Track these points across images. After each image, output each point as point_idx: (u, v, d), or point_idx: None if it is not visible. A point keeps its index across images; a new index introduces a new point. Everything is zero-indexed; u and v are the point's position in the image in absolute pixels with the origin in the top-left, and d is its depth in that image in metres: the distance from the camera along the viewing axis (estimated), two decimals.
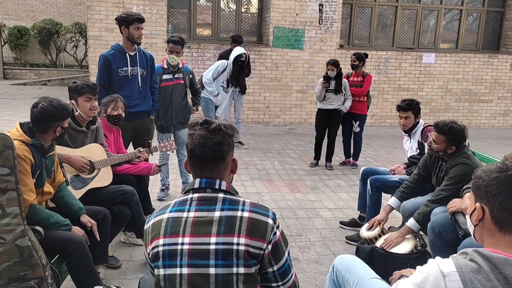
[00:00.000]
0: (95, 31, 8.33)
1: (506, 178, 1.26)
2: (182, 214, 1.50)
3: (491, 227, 1.29)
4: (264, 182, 5.36)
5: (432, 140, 3.04)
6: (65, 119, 2.45)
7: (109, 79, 3.88)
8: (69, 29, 14.29)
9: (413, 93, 9.75)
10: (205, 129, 1.52)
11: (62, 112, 2.41)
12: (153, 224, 1.53)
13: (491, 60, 10.11)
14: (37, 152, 2.37)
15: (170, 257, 1.46)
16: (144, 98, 4.04)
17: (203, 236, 1.46)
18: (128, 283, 2.91)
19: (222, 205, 1.50)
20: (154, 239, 1.50)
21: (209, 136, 1.51)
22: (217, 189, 1.53)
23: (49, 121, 2.37)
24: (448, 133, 2.94)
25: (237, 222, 1.47)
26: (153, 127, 4.24)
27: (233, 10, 9.61)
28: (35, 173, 2.34)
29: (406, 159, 3.99)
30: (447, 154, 3.02)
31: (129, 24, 3.83)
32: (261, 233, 1.47)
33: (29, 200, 2.27)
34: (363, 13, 9.99)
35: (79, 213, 2.61)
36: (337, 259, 2.02)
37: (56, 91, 11.68)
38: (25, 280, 2.09)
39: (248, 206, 1.51)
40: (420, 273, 1.26)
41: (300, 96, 9.42)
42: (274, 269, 1.53)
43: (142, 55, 4.02)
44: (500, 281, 1.15)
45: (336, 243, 3.71)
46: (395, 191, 3.40)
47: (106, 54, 3.92)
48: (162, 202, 4.49)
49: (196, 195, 1.53)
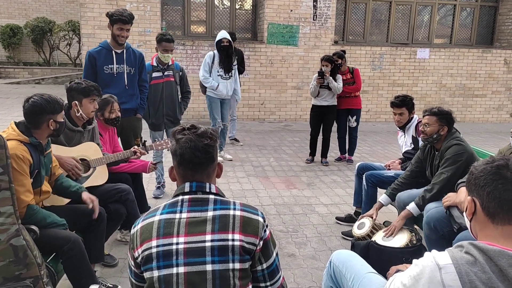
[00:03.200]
0: (88, 29, 8.28)
1: (492, 168, 1.29)
2: (174, 216, 1.50)
3: (483, 219, 1.30)
4: (260, 178, 5.37)
5: (424, 124, 3.12)
6: (57, 112, 2.42)
7: (95, 76, 3.85)
8: (62, 27, 14.19)
9: (408, 89, 9.78)
10: (194, 133, 1.55)
11: (53, 105, 2.39)
12: (142, 227, 1.51)
13: (485, 55, 10.15)
14: (35, 151, 2.36)
15: (165, 258, 1.45)
16: (130, 97, 4.00)
17: (198, 234, 1.47)
18: (125, 281, 2.90)
19: (214, 205, 1.53)
20: (144, 241, 1.48)
21: (199, 139, 1.53)
22: (207, 191, 1.56)
23: (40, 115, 2.36)
24: (439, 113, 3.08)
25: (231, 219, 1.50)
26: (140, 125, 4.18)
27: (227, 7, 9.58)
28: (33, 172, 2.33)
29: (401, 154, 4.01)
30: (440, 137, 3.09)
31: (113, 22, 3.82)
32: (254, 229, 1.51)
33: (27, 201, 2.26)
34: (357, 9, 9.99)
35: (80, 191, 2.66)
36: (334, 254, 2.03)
37: (50, 89, 11.61)
38: (21, 279, 2.08)
39: (239, 206, 1.56)
40: (416, 266, 1.27)
41: (295, 92, 9.42)
42: (263, 267, 1.55)
43: (131, 53, 3.98)
44: (495, 273, 1.16)
45: (332, 239, 3.72)
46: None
47: (91, 51, 3.91)
48: (158, 200, 4.49)
49: (187, 197, 1.54)
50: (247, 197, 4.65)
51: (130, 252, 1.54)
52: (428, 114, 3.13)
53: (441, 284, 1.19)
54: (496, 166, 1.28)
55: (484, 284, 1.15)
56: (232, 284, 1.44)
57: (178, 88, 4.58)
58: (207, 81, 5.86)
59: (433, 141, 3.12)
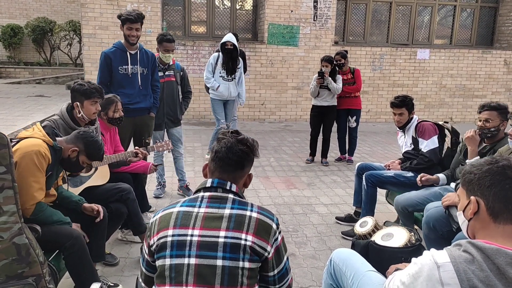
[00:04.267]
0: (89, 29, 8.29)
1: (498, 169, 1.30)
2: (193, 209, 1.57)
3: (486, 219, 1.31)
4: (260, 178, 5.38)
5: (485, 120, 3.04)
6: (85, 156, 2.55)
7: (110, 76, 3.92)
8: (63, 27, 14.18)
9: (408, 89, 9.79)
10: (234, 137, 1.66)
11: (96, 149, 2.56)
12: (162, 217, 1.58)
13: (485, 55, 10.17)
14: (55, 155, 2.41)
15: (178, 247, 1.50)
16: (144, 97, 4.07)
17: (213, 229, 1.51)
18: (126, 280, 2.92)
19: (232, 204, 1.58)
20: (162, 230, 1.54)
21: (236, 144, 1.64)
22: (228, 189, 1.61)
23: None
24: (498, 108, 3.03)
25: (246, 220, 1.54)
26: (153, 124, 4.27)
27: (228, 7, 9.60)
28: (47, 174, 2.37)
29: (401, 154, 4.02)
30: (499, 131, 3.04)
31: (123, 23, 3.85)
32: (266, 234, 1.55)
33: (39, 199, 2.30)
34: (358, 10, 10.01)
35: (81, 203, 2.69)
36: (334, 253, 2.04)
37: (51, 89, 11.61)
38: (23, 277, 2.10)
39: (256, 208, 1.61)
40: (415, 264, 1.29)
41: (296, 92, 9.43)
42: (274, 272, 1.60)
43: (144, 54, 4.04)
44: (493, 271, 1.18)
45: (332, 238, 3.74)
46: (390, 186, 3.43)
47: (107, 51, 3.96)
48: (159, 199, 4.50)
49: (207, 194, 1.60)
50: (247, 197, 4.65)
51: (146, 240, 1.61)
52: (488, 109, 3.05)
53: (440, 282, 1.20)
54: (502, 166, 1.30)
55: (481, 282, 1.17)
56: (240, 282, 1.48)
57: (179, 88, 4.60)
58: (209, 81, 5.90)
59: (492, 134, 3.06)
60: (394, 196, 3.52)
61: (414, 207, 3.23)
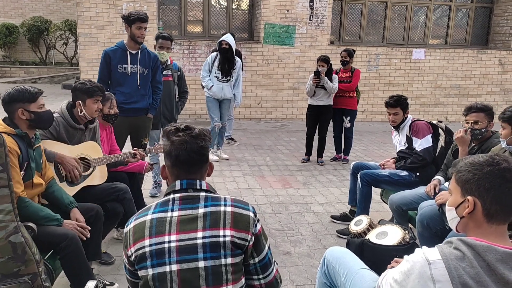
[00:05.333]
0: (85, 28, 8.27)
1: (499, 172, 1.29)
2: (166, 214, 1.52)
3: (480, 219, 1.32)
4: (256, 178, 5.40)
5: (473, 122, 3.06)
6: (28, 101, 2.41)
7: (109, 74, 3.94)
8: (59, 27, 14.15)
9: (403, 89, 9.83)
10: (189, 134, 1.56)
11: (23, 94, 2.40)
12: (135, 226, 1.53)
13: (480, 55, 10.22)
14: (23, 142, 2.38)
15: (158, 256, 1.46)
16: (142, 96, 4.06)
17: (190, 232, 1.48)
18: (121, 279, 2.92)
19: (205, 202, 1.54)
20: (137, 241, 1.50)
21: (194, 141, 1.55)
22: (198, 189, 1.57)
23: (11, 103, 2.39)
24: (485, 109, 3.07)
25: (221, 216, 1.51)
26: (150, 125, 4.26)
27: (224, 6, 9.60)
28: (23, 164, 2.34)
29: (396, 153, 4.05)
30: (487, 132, 3.08)
31: (131, 23, 3.85)
32: (245, 225, 1.53)
33: (17, 192, 2.25)
34: (354, 9, 10.03)
35: (70, 207, 2.62)
36: (328, 251, 2.06)
37: (47, 88, 11.57)
38: (19, 276, 2.10)
39: (230, 202, 1.57)
40: (407, 261, 1.30)
41: (292, 92, 9.45)
42: (255, 261, 1.57)
43: (145, 54, 4.03)
44: (483, 268, 1.20)
45: (327, 237, 3.76)
46: (384, 185, 3.45)
47: (108, 50, 3.98)
48: (155, 198, 4.51)
49: (178, 195, 1.55)
50: (243, 196, 4.68)
51: (124, 250, 1.56)
52: (475, 111, 3.06)
53: (431, 279, 1.22)
54: (503, 169, 1.29)
55: (472, 279, 1.19)
56: (225, 279, 1.47)
57: (175, 88, 4.62)
58: (204, 80, 5.99)
59: (482, 135, 3.09)
60: (389, 195, 3.54)
61: (408, 206, 3.25)
